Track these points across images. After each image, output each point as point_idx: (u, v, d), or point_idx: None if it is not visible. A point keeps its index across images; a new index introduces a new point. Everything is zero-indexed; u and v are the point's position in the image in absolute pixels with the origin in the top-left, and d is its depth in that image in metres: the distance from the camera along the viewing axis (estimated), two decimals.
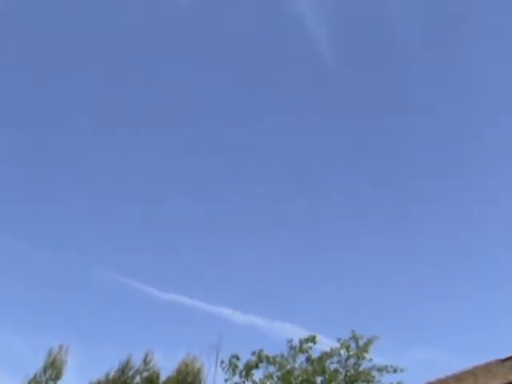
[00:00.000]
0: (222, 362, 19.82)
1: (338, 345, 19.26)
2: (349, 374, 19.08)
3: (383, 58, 44.09)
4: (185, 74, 44.53)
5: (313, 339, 19.34)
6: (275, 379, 19.50)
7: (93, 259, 37.82)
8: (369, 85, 44.95)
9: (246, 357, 19.46)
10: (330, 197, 45.23)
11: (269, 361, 19.23)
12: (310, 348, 19.34)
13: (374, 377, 19.29)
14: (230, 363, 19.52)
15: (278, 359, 19.23)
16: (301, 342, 19.39)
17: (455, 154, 44.12)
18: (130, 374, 22.03)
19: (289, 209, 43.92)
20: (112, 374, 22.05)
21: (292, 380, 19.33)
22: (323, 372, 19.21)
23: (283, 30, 44.08)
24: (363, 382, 19.26)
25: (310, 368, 19.30)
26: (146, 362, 22.33)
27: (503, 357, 17.74)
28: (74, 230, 40.92)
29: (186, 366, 21.58)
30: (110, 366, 22.25)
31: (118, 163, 44.47)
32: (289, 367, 19.33)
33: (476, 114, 43.79)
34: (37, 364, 22.70)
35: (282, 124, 45.28)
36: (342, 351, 19.16)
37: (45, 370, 22.35)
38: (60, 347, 22.86)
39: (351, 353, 18.95)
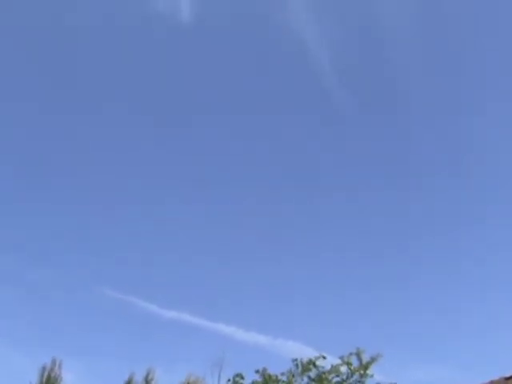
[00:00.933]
0: (229, 380, 19.78)
1: (339, 361, 19.17)
2: None
3: (382, 59, 43.81)
4: (185, 78, 44.32)
5: (314, 363, 19.19)
6: None
7: (93, 276, 37.59)
8: (368, 87, 44.82)
9: (247, 374, 19.45)
10: (330, 197, 45.14)
11: (272, 380, 19.11)
12: (316, 367, 19.17)
13: None
14: (235, 382, 19.43)
15: (282, 377, 19.13)
16: (306, 363, 19.22)
17: (455, 154, 44.07)
18: None
19: (289, 209, 43.87)
20: None
21: None
22: None
23: (285, 49, 44.00)
24: None
25: None
26: (147, 380, 22.10)
27: (508, 374, 17.61)
28: (74, 244, 40.80)
29: None
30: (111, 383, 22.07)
31: (118, 163, 44.38)
32: None
33: (476, 115, 43.63)
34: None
35: (282, 124, 45.20)
36: (344, 368, 19.05)
37: None
38: (53, 361, 22.36)
39: (353, 370, 18.84)
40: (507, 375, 17.58)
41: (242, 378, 19.78)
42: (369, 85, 44.70)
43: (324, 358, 19.63)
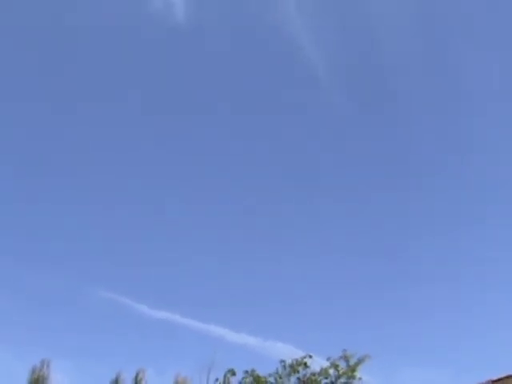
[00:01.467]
0: (217, 380, 19.79)
1: (328, 364, 19.14)
2: None
3: (382, 59, 43.72)
4: (185, 78, 44.39)
5: (304, 363, 19.14)
6: None
7: (84, 276, 37.50)
8: (368, 87, 44.71)
9: (237, 375, 19.48)
10: (330, 197, 45.10)
11: (260, 381, 19.13)
12: (304, 368, 19.12)
13: None
14: (225, 378, 19.47)
15: (270, 379, 19.14)
16: (294, 364, 19.19)
17: (455, 154, 43.89)
18: None
19: (289, 209, 43.85)
20: None
21: None
22: None
23: (283, 50, 44.03)
24: None
25: None
26: (137, 380, 22.11)
27: (494, 377, 17.61)
28: (66, 245, 40.72)
29: None
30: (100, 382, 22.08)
31: (118, 163, 44.52)
32: None
33: (476, 115, 43.44)
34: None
35: (282, 124, 45.22)
36: (332, 371, 19.00)
37: None
38: (42, 362, 22.37)
39: (341, 372, 18.80)
40: (494, 378, 17.57)
41: (234, 374, 19.80)
42: (369, 85, 44.65)
43: (310, 356, 19.56)
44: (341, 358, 18.99)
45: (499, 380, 17.32)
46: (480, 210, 42.14)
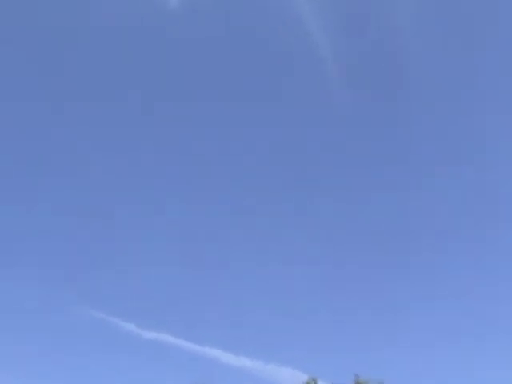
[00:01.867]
0: None
1: None
2: None
3: (382, 60, 43.77)
4: (184, 74, 44.33)
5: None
6: None
7: (71, 294, 36.11)
8: (369, 87, 44.72)
9: None
10: (330, 197, 45.10)
11: None
12: None
13: None
14: None
15: None
16: None
17: (455, 154, 43.97)
18: None
19: (289, 209, 43.81)
20: None
21: None
22: None
23: (285, 40, 43.71)
24: None
25: None
26: None
27: None
28: (54, 260, 40.23)
29: None
30: None
31: (118, 163, 44.43)
32: None
33: (476, 115, 43.54)
34: None
35: (282, 124, 45.21)
36: None
37: None
38: None
39: None
40: None
41: None
42: (369, 85, 44.71)
43: (314, 381, 19.14)
44: None
45: None
46: (480, 209, 42.25)
